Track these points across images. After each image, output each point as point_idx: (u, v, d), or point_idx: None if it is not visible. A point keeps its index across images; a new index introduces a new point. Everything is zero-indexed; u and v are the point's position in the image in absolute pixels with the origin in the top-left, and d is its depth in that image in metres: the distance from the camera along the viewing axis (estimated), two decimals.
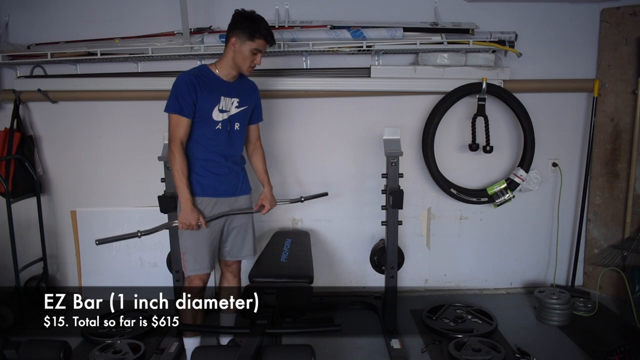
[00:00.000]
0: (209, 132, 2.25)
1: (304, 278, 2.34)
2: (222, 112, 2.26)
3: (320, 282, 3.23)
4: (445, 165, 3.15)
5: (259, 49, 2.23)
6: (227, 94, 2.27)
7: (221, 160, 2.30)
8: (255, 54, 2.24)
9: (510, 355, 2.48)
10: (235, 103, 2.30)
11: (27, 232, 3.26)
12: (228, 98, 2.27)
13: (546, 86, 3.13)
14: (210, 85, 2.23)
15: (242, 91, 2.34)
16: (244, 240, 2.44)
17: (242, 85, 2.36)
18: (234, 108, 2.29)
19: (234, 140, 2.34)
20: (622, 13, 3.02)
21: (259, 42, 2.22)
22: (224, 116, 2.27)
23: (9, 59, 3.03)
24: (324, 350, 2.59)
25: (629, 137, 3.07)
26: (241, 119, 2.34)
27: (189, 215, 2.21)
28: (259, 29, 2.21)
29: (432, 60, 3.01)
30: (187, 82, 2.18)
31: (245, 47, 2.21)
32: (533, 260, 3.37)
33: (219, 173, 2.30)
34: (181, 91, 2.18)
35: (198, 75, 2.22)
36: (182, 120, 2.19)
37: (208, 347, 1.88)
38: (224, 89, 2.27)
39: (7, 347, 2.17)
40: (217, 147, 2.28)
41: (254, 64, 2.27)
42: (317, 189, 3.25)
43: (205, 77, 2.23)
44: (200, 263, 2.31)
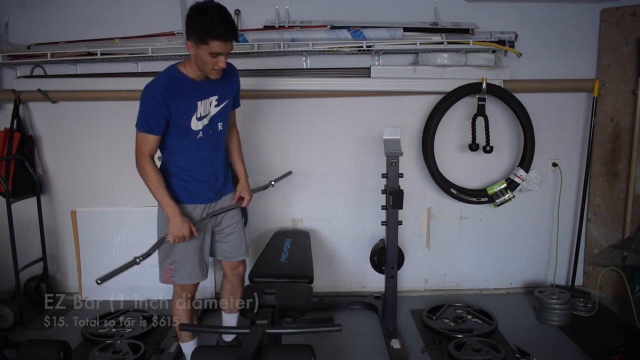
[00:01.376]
0: (191, 143, 2.09)
1: (304, 278, 2.34)
2: (200, 119, 2.06)
3: (320, 282, 3.23)
4: (445, 165, 3.15)
5: (217, 51, 1.91)
6: (204, 95, 2.05)
7: (206, 167, 2.16)
8: (215, 57, 1.93)
9: (510, 355, 2.48)
10: (214, 102, 2.10)
11: (27, 232, 3.26)
12: (205, 100, 2.06)
13: (546, 86, 3.13)
14: (182, 92, 2.00)
15: (219, 85, 2.09)
16: (241, 239, 2.37)
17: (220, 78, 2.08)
18: (213, 108, 2.10)
19: (219, 144, 2.18)
20: (622, 13, 3.02)
21: (214, 44, 1.88)
22: (204, 122, 2.08)
23: (9, 59, 3.03)
24: (324, 350, 2.59)
25: (629, 137, 3.07)
26: (223, 116, 2.16)
27: (180, 227, 2.04)
28: (210, 30, 1.87)
29: (432, 60, 3.01)
30: (156, 97, 1.96)
31: (202, 51, 1.92)
32: (533, 260, 3.37)
33: (205, 180, 2.17)
34: (151, 108, 1.96)
35: (168, 84, 1.98)
36: (150, 138, 2.00)
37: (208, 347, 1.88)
38: (199, 92, 2.04)
39: (7, 347, 2.17)
40: (202, 156, 2.13)
41: (218, 67, 1.97)
42: (317, 189, 3.27)
43: (176, 84, 2.00)
44: (190, 273, 2.19)
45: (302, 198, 3.28)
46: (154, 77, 2.04)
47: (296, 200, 3.28)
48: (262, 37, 2.92)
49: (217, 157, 2.20)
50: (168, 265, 2.19)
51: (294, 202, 3.28)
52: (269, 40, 2.91)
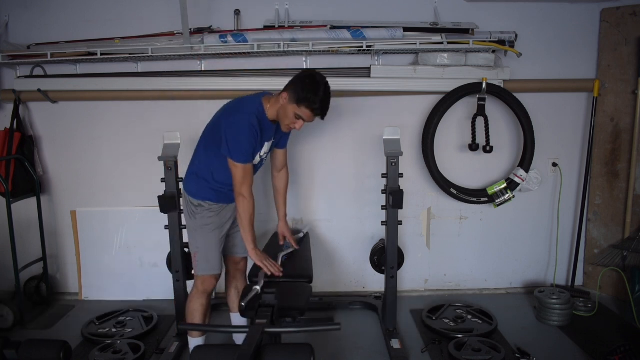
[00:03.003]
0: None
1: (304, 278, 2.34)
2: (262, 156, 2.27)
3: (320, 282, 3.23)
4: (445, 165, 3.15)
5: (303, 117, 2.13)
6: (269, 137, 2.26)
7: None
8: (297, 119, 2.14)
9: (510, 355, 2.48)
10: (271, 142, 2.32)
11: (27, 232, 3.26)
12: (269, 142, 2.28)
13: (546, 86, 3.13)
14: (262, 130, 2.17)
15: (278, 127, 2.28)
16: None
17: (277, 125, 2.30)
18: (267, 147, 2.29)
19: (258, 170, 2.35)
20: (622, 13, 3.02)
21: (306, 111, 2.10)
22: (260, 157, 2.27)
23: (9, 59, 3.03)
24: (324, 350, 2.59)
25: (629, 137, 3.07)
26: (268, 153, 2.36)
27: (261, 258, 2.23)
28: (311, 100, 2.08)
29: (432, 60, 3.01)
30: (255, 131, 2.11)
31: (291, 109, 2.11)
32: (533, 260, 3.37)
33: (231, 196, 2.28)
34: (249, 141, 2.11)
35: (259, 123, 2.14)
36: (249, 167, 2.15)
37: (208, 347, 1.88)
38: (269, 134, 2.25)
39: (7, 347, 2.17)
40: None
41: (292, 128, 2.19)
42: (317, 189, 3.27)
43: (261, 121, 2.16)
44: (211, 263, 2.31)
45: (302, 198, 3.28)
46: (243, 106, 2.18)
47: (296, 200, 3.28)
48: (262, 37, 2.92)
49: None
50: (194, 255, 2.32)
51: (294, 202, 3.28)
52: (269, 40, 2.91)
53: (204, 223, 2.29)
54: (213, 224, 2.30)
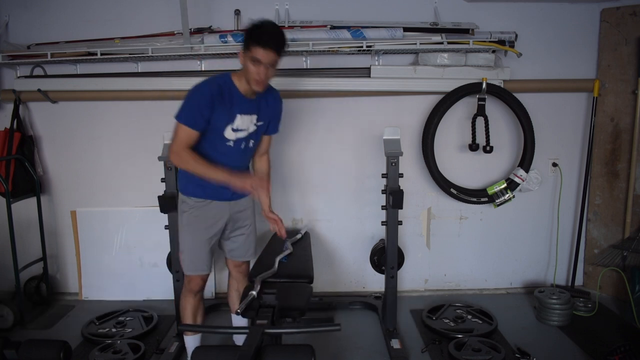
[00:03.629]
0: (220, 147, 2.14)
1: (304, 278, 2.33)
2: (236, 130, 2.13)
3: (320, 282, 3.23)
4: (445, 165, 3.15)
5: (256, 57, 1.96)
6: (246, 110, 2.13)
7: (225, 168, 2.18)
8: (255, 63, 1.99)
9: (510, 355, 2.48)
10: (253, 120, 2.18)
11: (27, 232, 3.26)
12: (246, 116, 2.14)
13: (546, 86, 3.13)
14: (229, 101, 2.07)
15: (263, 105, 2.21)
16: (250, 241, 2.44)
17: (264, 99, 2.22)
18: (252, 125, 2.18)
19: (244, 157, 2.27)
20: (622, 13, 3.02)
21: (256, 50, 1.96)
22: (239, 135, 2.15)
23: (9, 59, 3.03)
24: (324, 350, 2.59)
25: (629, 137, 3.07)
26: (257, 136, 2.25)
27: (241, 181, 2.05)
28: (255, 35, 1.97)
29: (432, 60, 3.01)
30: (207, 96, 2.02)
31: (246, 58, 2.01)
32: (533, 260, 3.37)
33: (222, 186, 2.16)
34: (198, 105, 2.01)
35: (220, 89, 2.06)
36: (190, 132, 2.04)
37: (208, 347, 1.88)
38: (243, 107, 2.12)
39: (7, 347, 2.17)
40: (226, 162, 2.14)
41: (258, 77, 2.01)
42: (317, 189, 3.27)
43: (226, 92, 2.07)
44: (196, 264, 2.26)
45: (302, 198, 3.28)
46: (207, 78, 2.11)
47: (296, 200, 3.28)
48: None
49: (241, 167, 2.27)
50: (180, 255, 2.30)
51: (294, 202, 3.28)
52: None
53: (189, 221, 2.24)
54: (198, 223, 2.23)
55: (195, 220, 2.23)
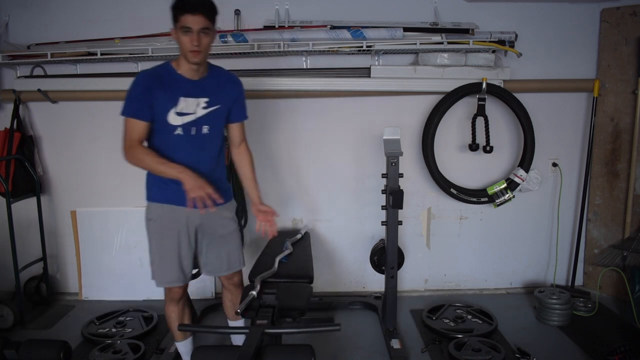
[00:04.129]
0: (168, 139, 2.02)
1: (304, 278, 2.34)
2: (181, 114, 1.99)
3: (320, 282, 3.23)
4: (445, 165, 3.15)
5: (186, 25, 1.89)
6: (190, 93, 2.01)
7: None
8: (186, 33, 1.90)
9: (510, 355, 2.48)
10: (202, 103, 2.03)
11: (27, 232, 3.26)
12: (191, 99, 2.00)
13: (546, 86, 3.13)
14: (168, 84, 1.98)
15: (213, 88, 2.07)
16: (230, 253, 2.22)
17: (215, 81, 2.09)
18: (200, 109, 2.03)
19: (201, 147, 2.07)
20: (622, 13, 3.02)
21: (184, 18, 1.89)
22: (185, 119, 2.00)
23: (9, 59, 3.03)
24: (324, 350, 2.59)
25: (629, 137, 3.07)
26: (212, 121, 2.07)
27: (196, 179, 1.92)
28: (180, 4, 1.91)
29: (432, 60, 3.01)
30: (141, 82, 1.97)
31: (178, 32, 1.93)
32: (533, 260, 3.37)
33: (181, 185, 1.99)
34: (136, 93, 1.96)
35: (156, 74, 1.99)
36: (136, 123, 1.97)
37: (208, 347, 1.88)
38: (186, 89, 2.00)
39: (7, 347, 2.17)
40: (179, 155, 2.02)
41: (192, 47, 1.90)
42: (317, 189, 3.27)
43: (164, 76, 1.99)
44: (165, 276, 2.13)
45: (302, 198, 3.28)
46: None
47: (296, 200, 3.28)
48: (262, 37, 2.92)
49: (202, 161, 2.08)
50: (150, 265, 2.16)
51: (294, 202, 3.28)
52: (269, 40, 2.91)
53: (154, 229, 2.11)
54: (163, 231, 2.09)
55: (160, 229, 2.10)
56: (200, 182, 1.92)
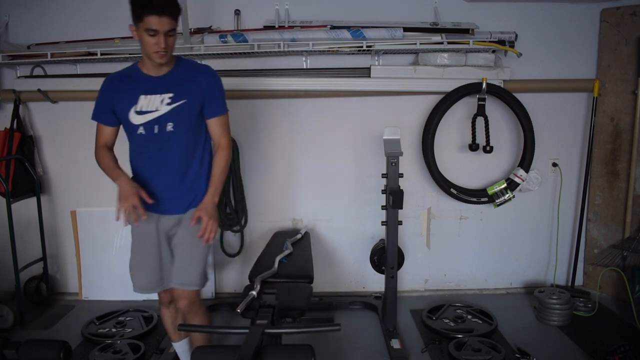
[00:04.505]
0: (133, 139, 2.01)
1: (304, 278, 2.34)
2: (141, 113, 1.93)
3: (320, 282, 3.23)
4: (445, 165, 3.15)
5: (152, 27, 1.80)
6: (152, 90, 1.94)
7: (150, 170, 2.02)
8: (152, 36, 1.82)
9: (510, 355, 2.48)
10: (166, 100, 1.93)
11: (27, 232, 3.26)
12: (153, 96, 1.93)
13: (546, 86, 3.13)
14: (128, 84, 1.96)
15: (178, 82, 1.96)
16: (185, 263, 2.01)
17: (181, 75, 1.98)
18: (164, 106, 1.93)
19: (166, 146, 1.97)
20: (622, 13, 3.02)
21: (148, 19, 1.79)
22: (147, 117, 1.93)
23: (9, 59, 3.03)
24: (324, 350, 2.59)
25: (629, 137, 3.07)
26: (177, 118, 1.95)
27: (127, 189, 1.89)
28: (144, 3, 1.79)
29: (432, 60, 3.01)
30: (104, 85, 2.00)
31: (141, 33, 1.84)
32: (533, 260, 3.37)
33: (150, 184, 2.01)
34: (99, 96, 2.01)
35: (120, 76, 2.01)
36: (102, 128, 2.02)
37: (208, 347, 1.88)
38: (147, 86, 1.94)
39: (7, 347, 2.17)
40: (144, 157, 2.01)
41: (159, 50, 1.84)
42: (317, 189, 3.27)
43: (126, 76, 1.99)
44: (139, 281, 2.07)
45: (302, 198, 3.28)
46: None
47: (296, 200, 3.28)
48: (262, 37, 2.92)
49: (169, 162, 1.99)
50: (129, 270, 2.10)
51: (294, 202, 3.28)
52: (269, 40, 2.91)
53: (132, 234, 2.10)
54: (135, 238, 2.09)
55: (136, 234, 2.09)
56: (129, 192, 1.88)
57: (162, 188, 2.02)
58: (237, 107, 3.15)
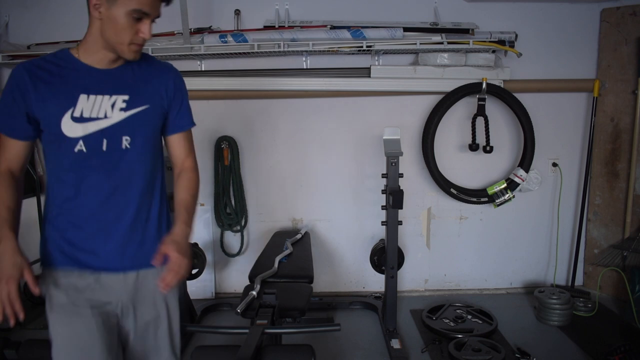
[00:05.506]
0: (65, 159, 1.34)
1: (304, 278, 2.34)
2: (82, 120, 1.30)
3: (320, 282, 3.23)
4: (445, 165, 3.15)
5: (141, 9, 1.26)
6: (97, 88, 1.32)
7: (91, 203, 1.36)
8: (137, 20, 1.28)
9: (510, 355, 2.48)
10: (119, 103, 1.34)
11: (27, 232, 3.23)
12: (100, 96, 1.32)
13: (546, 86, 3.13)
14: (59, 76, 1.31)
15: (136, 80, 1.38)
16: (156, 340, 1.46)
17: (139, 70, 1.40)
18: (116, 111, 1.33)
19: (124, 169, 1.36)
20: (622, 13, 3.02)
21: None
22: (90, 127, 1.30)
23: (9, 59, 3.02)
24: (324, 350, 2.59)
25: (629, 137, 3.07)
26: (136, 130, 1.36)
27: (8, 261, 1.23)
28: None
29: (432, 60, 3.01)
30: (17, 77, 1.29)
31: (117, 11, 1.25)
32: (533, 260, 3.37)
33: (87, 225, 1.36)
34: (5, 94, 1.30)
35: (43, 64, 1.31)
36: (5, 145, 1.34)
37: (208, 347, 1.88)
38: (89, 81, 1.32)
39: (7, 347, 2.17)
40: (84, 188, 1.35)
41: (138, 40, 1.30)
42: (317, 189, 3.27)
43: (55, 65, 1.32)
44: None
45: (302, 198, 3.28)
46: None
47: (296, 200, 3.28)
48: (262, 37, 2.92)
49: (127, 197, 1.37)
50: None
51: (294, 202, 3.28)
52: (269, 40, 2.91)
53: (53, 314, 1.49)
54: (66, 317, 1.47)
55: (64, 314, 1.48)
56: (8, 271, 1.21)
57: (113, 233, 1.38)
58: (237, 107, 3.16)
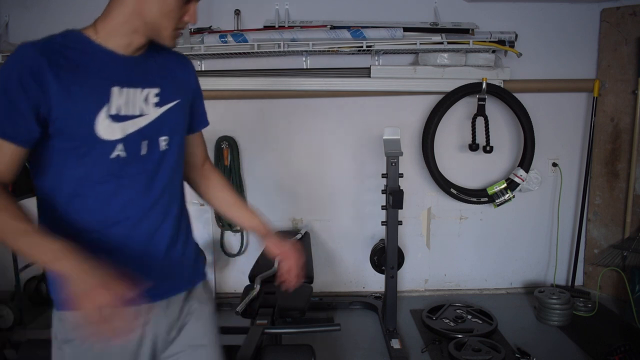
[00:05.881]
0: (96, 169, 1.06)
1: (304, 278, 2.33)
2: (119, 119, 1.05)
3: (320, 282, 3.23)
4: (445, 165, 3.15)
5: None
6: (127, 80, 1.08)
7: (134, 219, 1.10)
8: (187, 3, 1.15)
9: (510, 355, 2.48)
10: (152, 97, 1.11)
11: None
12: (132, 89, 1.08)
13: (546, 86, 3.13)
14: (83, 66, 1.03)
15: (160, 71, 1.16)
16: None
17: (159, 59, 1.17)
18: (152, 107, 1.11)
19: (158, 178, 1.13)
20: (622, 13, 3.02)
21: None
22: (130, 127, 1.07)
23: None
24: (324, 350, 2.59)
25: (629, 137, 3.07)
26: (172, 128, 1.16)
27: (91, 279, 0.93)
28: None
29: (432, 60, 3.01)
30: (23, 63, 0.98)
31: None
32: (533, 260, 3.37)
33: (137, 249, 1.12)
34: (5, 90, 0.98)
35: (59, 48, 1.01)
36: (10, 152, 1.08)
37: None
38: (117, 71, 1.07)
39: (7, 347, 2.17)
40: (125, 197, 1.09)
41: (183, 24, 1.15)
42: (317, 189, 3.27)
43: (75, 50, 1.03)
44: None
45: (302, 198, 3.28)
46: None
47: (296, 200, 3.28)
48: (262, 37, 2.91)
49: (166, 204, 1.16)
50: None
51: (294, 202, 3.28)
52: (269, 40, 2.91)
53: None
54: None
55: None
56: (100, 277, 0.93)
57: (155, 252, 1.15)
58: (237, 107, 3.16)
